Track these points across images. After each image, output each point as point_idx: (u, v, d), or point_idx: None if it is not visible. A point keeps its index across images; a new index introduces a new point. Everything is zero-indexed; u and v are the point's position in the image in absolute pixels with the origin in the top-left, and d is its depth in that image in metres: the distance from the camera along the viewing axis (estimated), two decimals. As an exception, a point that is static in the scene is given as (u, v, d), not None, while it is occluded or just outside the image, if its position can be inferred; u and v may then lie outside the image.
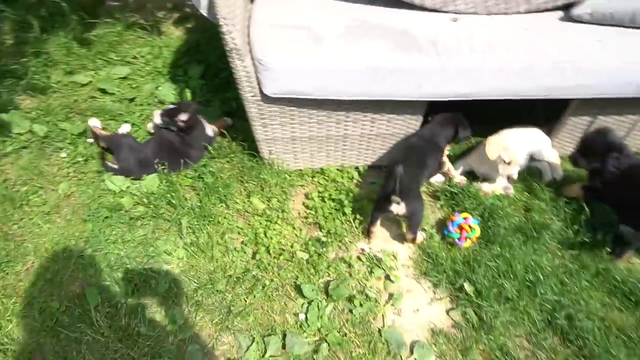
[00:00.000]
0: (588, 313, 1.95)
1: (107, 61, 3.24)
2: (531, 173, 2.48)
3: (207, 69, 3.10)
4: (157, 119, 2.53)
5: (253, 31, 2.01)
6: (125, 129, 2.70)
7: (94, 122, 2.67)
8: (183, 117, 2.44)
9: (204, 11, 2.11)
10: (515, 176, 2.28)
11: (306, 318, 1.95)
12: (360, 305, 1.99)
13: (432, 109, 2.28)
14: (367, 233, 2.24)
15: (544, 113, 2.62)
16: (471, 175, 2.51)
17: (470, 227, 2.16)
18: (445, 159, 2.40)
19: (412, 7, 2.23)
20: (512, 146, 2.26)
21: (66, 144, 2.66)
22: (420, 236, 2.23)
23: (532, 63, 1.99)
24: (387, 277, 2.12)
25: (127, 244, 2.21)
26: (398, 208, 2.02)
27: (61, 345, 1.89)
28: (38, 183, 2.48)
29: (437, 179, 2.48)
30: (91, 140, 2.64)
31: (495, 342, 1.89)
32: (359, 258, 2.19)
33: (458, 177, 2.44)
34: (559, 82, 2.04)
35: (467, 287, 2.03)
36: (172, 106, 2.55)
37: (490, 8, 2.25)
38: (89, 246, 2.20)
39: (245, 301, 2.01)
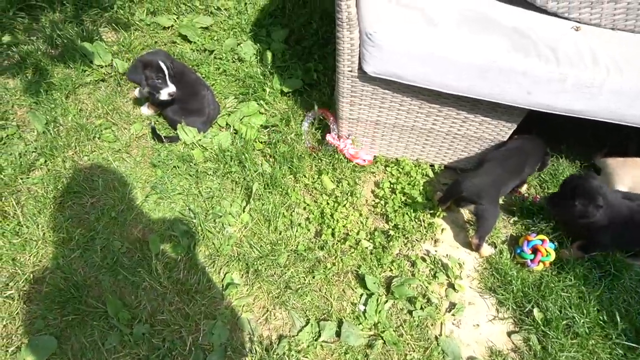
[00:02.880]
0: (662, 368, 1.82)
1: (191, 8, 3.16)
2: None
3: (290, 34, 2.99)
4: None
5: (364, 3, 1.89)
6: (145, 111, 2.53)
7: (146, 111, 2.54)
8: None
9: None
10: None
11: (365, 310, 1.88)
12: (421, 308, 1.91)
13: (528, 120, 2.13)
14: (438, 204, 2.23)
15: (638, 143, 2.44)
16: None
17: (546, 250, 2.04)
18: None
19: (531, 7, 2.06)
20: None
21: (143, 84, 2.63)
22: (488, 250, 2.12)
23: (660, 90, 1.81)
24: (451, 285, 2.02)
25: (193, 197, 2.18)
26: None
27: (119, 285, 1.89)
28: (112, 119, 2.46)
29: None
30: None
31: (557, 377, 1.79)
32: (423, 259, 2.09)
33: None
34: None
35: (537, 313, 1.91)
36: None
37: (617, 23, 2.06)
38: (155, 192, 2.18)
39: (305, 280, 1.95)
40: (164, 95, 2.23)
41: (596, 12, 2.04)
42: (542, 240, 2.06)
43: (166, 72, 2.19)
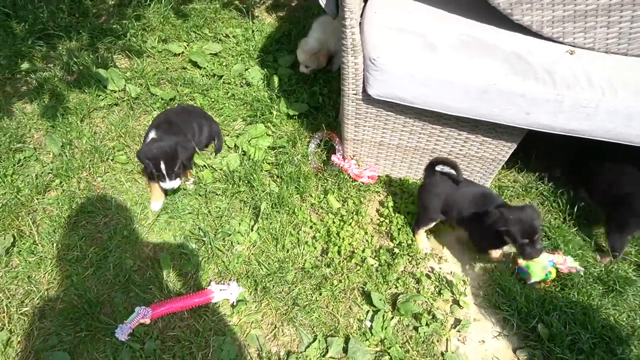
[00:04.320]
0: (668, 384, 1.83)
1: (201, 36, 3.31)
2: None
3: (296, 59, 3.10)
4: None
5: (367, 30, 1.99)
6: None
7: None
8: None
9: (322, 2, 2.10)
10: None
11: (371, 326, 1.91)
12: (427, 324, 1.94)
13: (529, 139, 2.19)
14: None
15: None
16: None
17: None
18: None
19: (527, 32, 2.14)
20: None
21: (155, 108, 2.73)
22: (423, 241, 2.23)
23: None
24: (456, 302, 2.05)
25: (203, 216, 2.24)
26: None
27: (130, 302, 1.94)
28: (125, 141, 2.55)
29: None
30: None
31: (563, 393, 1.80)
32: (428, 276, 2.13)
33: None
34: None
35: (541, 329, 1.93)
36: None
37: (610, 46, 2.14)
38: (166, 212, 2.24)
39: (312, 297, 1.99)
40: (165, 186, 2.19)
41: (590, 37, 2.12)
42: (544, 259, 2.09)
43: (165, 172, 2.12)
